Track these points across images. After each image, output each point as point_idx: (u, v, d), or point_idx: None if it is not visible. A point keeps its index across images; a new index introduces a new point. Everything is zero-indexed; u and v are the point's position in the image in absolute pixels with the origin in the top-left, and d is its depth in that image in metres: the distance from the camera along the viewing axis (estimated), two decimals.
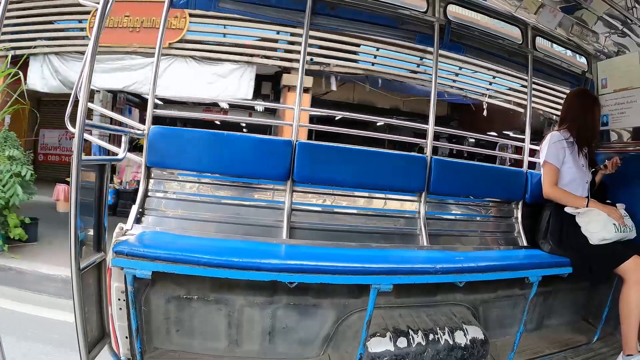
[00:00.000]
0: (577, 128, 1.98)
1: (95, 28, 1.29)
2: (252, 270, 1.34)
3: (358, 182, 1.98)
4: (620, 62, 2.32)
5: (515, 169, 2.34)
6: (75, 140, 1.24)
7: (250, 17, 2.14)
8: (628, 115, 2.23)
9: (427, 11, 2.18)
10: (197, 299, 1.57)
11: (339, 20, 2.11)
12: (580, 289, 2.15)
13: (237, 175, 1.88)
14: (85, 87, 1.28)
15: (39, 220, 4.35)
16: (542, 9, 2.24)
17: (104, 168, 1.49)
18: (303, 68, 2.04)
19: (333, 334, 1.67)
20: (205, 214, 1.83)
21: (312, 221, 1.91)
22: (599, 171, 2.07)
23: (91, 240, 1.49)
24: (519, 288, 1.90)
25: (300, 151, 1.87)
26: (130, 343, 1.48)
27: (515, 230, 2.26)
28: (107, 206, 1.53)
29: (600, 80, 2.40)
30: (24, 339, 2.42)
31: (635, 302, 1.72)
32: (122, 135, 1.67)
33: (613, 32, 2.24)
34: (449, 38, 2.19)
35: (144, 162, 1.79)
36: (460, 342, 1.61)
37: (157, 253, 1.33)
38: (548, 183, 1.96)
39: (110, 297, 1.48)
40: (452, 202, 2.18)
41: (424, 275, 1.51)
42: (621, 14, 2.05)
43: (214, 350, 1.61)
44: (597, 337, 2.03)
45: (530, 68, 2.36)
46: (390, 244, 1.94)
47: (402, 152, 2.16)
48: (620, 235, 1.86)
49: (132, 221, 1.69)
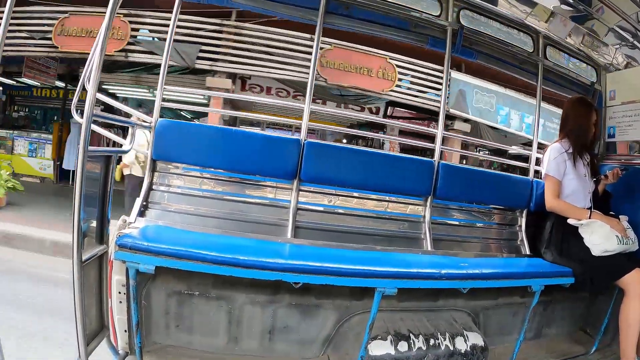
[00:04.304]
0: (574, 136, 1.99)
1: (108, 15, 1.27)
2: (257, 269, 1.33)
3: (364, 184, 1.97)
4: (629, 75, 2.33)
5: (521, 177, 2.34)
6: (83, 131, 1.22)
7: (262, 13, 2.11)
8: (635, 127, 2.24)
9: (440, 15, 2.17)
10: (198, 295, 1.55)
11: (351, 21, 2.10)
12: (580, 299, 2.16)
13: (243, 171, 1.86)
14: (94, 77, 1.26)
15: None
16: (552, 17, 2.23)
17: (110, 160, 1.47)
18: (314, 68, 2.02)
19: (334, 336, 1.66)
20: (210, 210, 1.81)
21: (317, 221, 1.90)
22: (601, 181, 2.08)
23: (92, 232, 1.47)
24: (519, 296, 1.91)
25: (309, 150, 1.85)
26: (129, 337, 1.47)
27: (519, 238, 2.26)
28: (111, 198, 1.51)
29: (609, 91, 2.41)
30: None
31: (635, 314, 1.73)
32: (129, 127, 1.64)
33: (623, 44, 2.24)
34: (461, 43, 2.18)
35: (149, 155, 1.77)
36: (461, 348, 1.60)
37: (161, 248, 1.32)
38: (550, 195, 1.96)
39: (110, 290, 1.46)
40: (457, 208, 2.17)
41: (429, 280, 1.51)
42: (632, 26, 2.05)
43: (213, 347, 1.59)
44: (595, 348, 2.04)
45: (540, 77, 2.36)
46: (394, 247, 1.93)
47: (410, 156, 2.15)
48: (623, 247, 1.87)
49: (135, 214, 1.67)
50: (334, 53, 6.11)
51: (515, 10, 2.27)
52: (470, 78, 6.98)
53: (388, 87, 6.37)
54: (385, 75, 6.36)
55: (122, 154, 1.59)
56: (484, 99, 7.18)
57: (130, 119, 1.97)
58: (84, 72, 1.51)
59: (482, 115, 7.20)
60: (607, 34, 2.21)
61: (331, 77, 6.11)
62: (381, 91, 6.36)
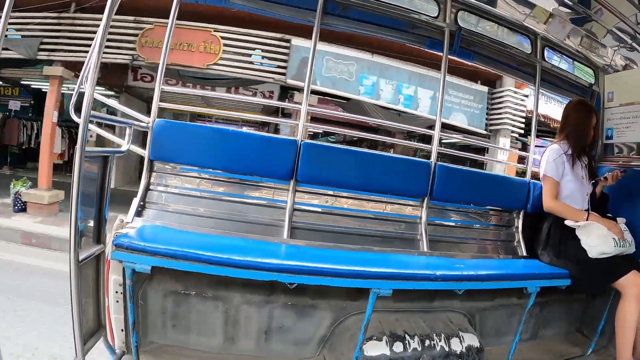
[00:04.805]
0: (573, 138, 2.00)
1: (105, 16, 1.28)
2: (252, 270, 1.34)
3: (361, 185, 1.97)
4: (627, 77, 2.33)
5: (518, 178, 2.35)
6: (80, 131, 1.23)
7: (260, 14, 2.11)
8: (633, 129, 2.24)
9: (438, 17, 2.17)
10: (194, 295, 1.56)
11: (349, 21, 2.10)
12: (577, 301, 2.16)
13: (240, 172, 1.87)
14: (92, 77, 1.27)
15: None
16: (551, 19, 2.23)
17: (107, 160, 1.48)
18: (311, 69, 2.02)
19: (329, 336, 1.67)
20: (206, 210, 1.82)
21: (313, 222, 1.91)
22: (600, 183, 2.08)
23: (90, 231, 1.48)
24: (516, 297, 1.91)
25: (305, 151, 1.86)
26: (126, 336, 1.48)
27: (515, 240, 2.26)
28: (108, 198, 1.51)
29: (607, 93, 2.41)
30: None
31: (632, 316, 1.73)
32: (126, 127, 1.65)
33: (622, 46, 2.24)
34: (459, 44, 2.18)
35: (147, 155, 1.78)
36: (456, 349, 1.61)
37: (157, 248, 1.33)
38: (548, 197, 1.97)
39: (107, 290, 1.47)
40: (454, 209, 2.18)
41: (424, 282, 1.51)
42: (631, 28, 2.05)
43: (209, 346, 1.60)
44: (591, 350, 2.04)
45: (538, 78, 2.36)
46: (390, 247, 1.94)
47: (406, 157, 2.16)
48: (620, 249, 1.87)
49: (132, 214, 1.68)
50: (155, 32, 5.97)
51: (514, 11, 2.27)
52: (320, 44, 6.21)
53: (211, 60, 6.15)
54: (207, 49, 6.15)
55: (119, 154, 1.60)
56: (338, 67, 6.19)
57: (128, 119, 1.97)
58: (81, 73, 1.52)
59: (336, 85, 6.17)
60: (605, 35, 2.21)
61: (150, 55, 5.95)
62: (203, 66, 6.16)
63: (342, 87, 6.28)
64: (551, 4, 2.09)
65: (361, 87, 6.38)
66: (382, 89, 6.48)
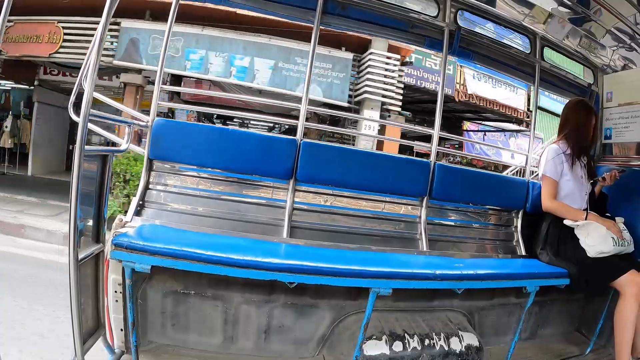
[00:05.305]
0: (573, 138, 2.00)
1: (104, 15, 1.27)
2: (252, 269, 1.33)
3: (361, 184, 1.97)
4: (626, 77, 2.33)
5: (517, 178, 2.35)
6: (79, 130, 1.23)
7: (260, 12, 2.11)
8: (632, 129, 2.24)
9: (438, 16, 2.17)
10: (194, 294, 1.56)
11: (349, 21, 2.10)
12: (575, 300, 2.17)
13: (239, 171, 1.86)
14: (91, 75, 1.27)
15: None
16: (550, 19, 2.24)
17: (107, 159, 1.48)
18: (311, 67, 2.02)
19: (329, 335, 1.67)
20: (206, 209, 1.81)
21: (312, 221, 1.91)
22: (598, 183, 2.09)
23: (89, 231, 1.47)
24: (515, 297, 1.91)
25: (305, 150, 1.86)
26: (125, 336, 1.47)
27: (514, 239, 2.26)
28: (107, 197, 1.51)
29: (606, 93, 2.41)
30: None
31: (630, 316, 1.73)
32: (126, 126, 1.65)
33: (621, 46, 2.24)
34: (458, 44, 2.19)
35: (146, 154, 1.78)
36: (456, 349, 1.61)
37: (157, 247, 1.32)
38: (547, 196, 1.97)
39: (106, 289, 1.46)
40: (453, 208, 2.18)
41: (423, 281, 1.51)
42: (630, 28, 2.06)
43: (209, 346, 1.60)
44: (590, 349, 2.04)
45: (537, 78, 2.36)
46: (389, 247, 1.94)
47: (406, 156, 2.16)
48: (619, 249, 1.87)
49: (131, 213, 1.67)
50: (16, 28, 6.48)
51: (513, 11, 2.27)
52: (148, 23, 6.23)
53: (53, 49, 6.60)
54: (51, 39, 6.57)
55: (118, 153, 1.59)
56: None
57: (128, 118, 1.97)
58: (80, 72, 1.51)
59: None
60: (604, 35, 2.21)
61: (11, 50, 6.62)
62: (47, 55, 6.64)
63: (167, 64, 6.45)
64: (550, 4, 2.09)
65: (187, 62, 6.22)
66: (211, 62, 6.24)
